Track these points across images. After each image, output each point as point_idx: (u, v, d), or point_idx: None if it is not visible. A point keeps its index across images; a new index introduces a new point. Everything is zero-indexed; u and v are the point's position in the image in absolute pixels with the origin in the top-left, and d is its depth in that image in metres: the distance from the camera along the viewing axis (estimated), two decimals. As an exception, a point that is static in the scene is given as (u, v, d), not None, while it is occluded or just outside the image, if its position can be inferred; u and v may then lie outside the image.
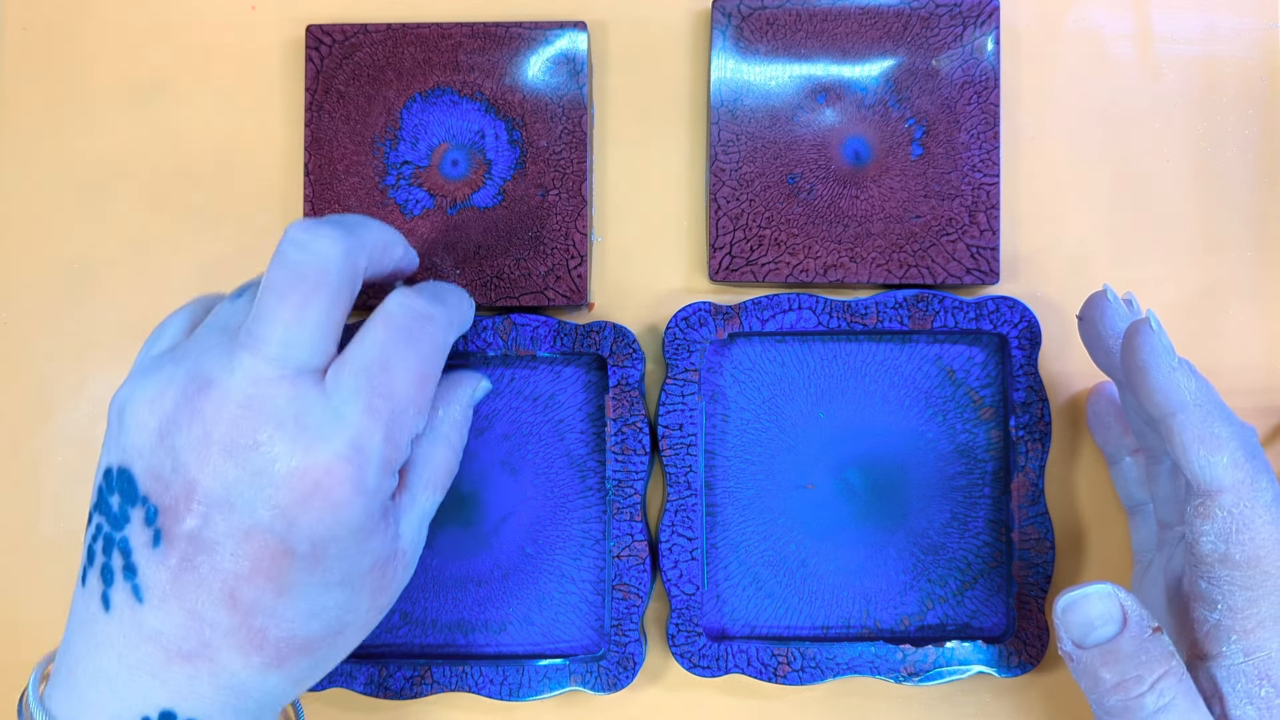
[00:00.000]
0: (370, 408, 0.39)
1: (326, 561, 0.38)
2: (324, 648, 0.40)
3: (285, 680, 0.40)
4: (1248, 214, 0.51)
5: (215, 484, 0.37)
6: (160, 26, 0.52)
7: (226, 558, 0.37)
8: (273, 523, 0.37)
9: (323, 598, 0.39)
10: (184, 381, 0.38)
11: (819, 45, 0.49)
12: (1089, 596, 0.41)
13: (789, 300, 0.48)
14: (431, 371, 0.41)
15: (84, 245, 0.52)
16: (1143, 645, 0.40)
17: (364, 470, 0.38)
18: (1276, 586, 0.39)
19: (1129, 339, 0.41)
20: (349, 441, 0.38)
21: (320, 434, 0.37)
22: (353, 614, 0.40)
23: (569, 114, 0.49)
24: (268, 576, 0.38)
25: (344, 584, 0.39)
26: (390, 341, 0.40)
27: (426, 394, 0.41)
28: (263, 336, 0.38)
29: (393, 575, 0.42)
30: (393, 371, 0.39)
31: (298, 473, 0.37)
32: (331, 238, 0.39)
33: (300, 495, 0.37)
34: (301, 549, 0.38)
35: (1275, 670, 0.40)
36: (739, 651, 0.48)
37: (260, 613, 0.38)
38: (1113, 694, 0.40)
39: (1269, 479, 0.40)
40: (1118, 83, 0.51)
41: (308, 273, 0.38)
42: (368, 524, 0.39)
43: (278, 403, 0.37)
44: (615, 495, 0.48)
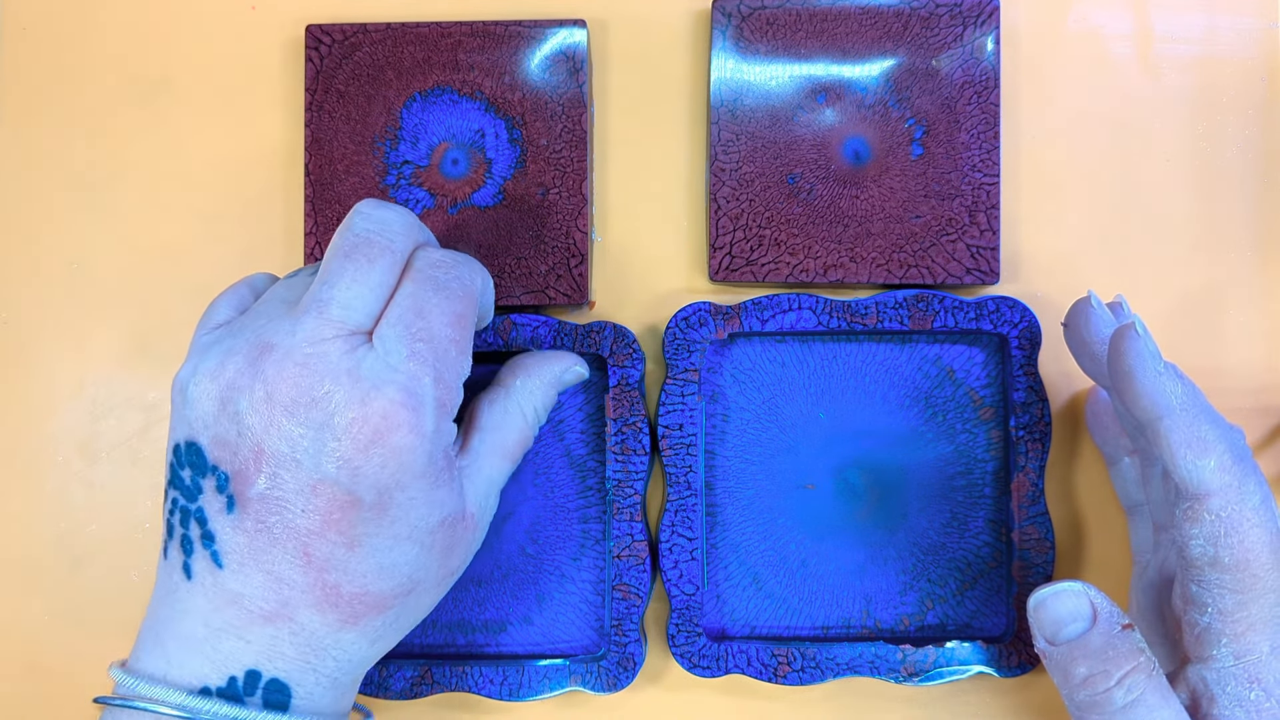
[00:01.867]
0: (414, 353, 0.40)
1: (394, 511, 0.39)
2: (396, 606, 0.41)
3: (360, 639, 0.41)
4: (1247, 214, 0.51)
5: (280, 443, 0.38)
6: (160, 26, 0.52)
7: (298, 514, 0.38)
8: (338, 474, 0.38)
9: (392, 552, 0.40)
10: (245, 350, 0.39)
11: (819, 45, 0.49)
12: (1059, 594, 0.42)
13: (789, 300, 0.48)
14: (464, 311, 0.41)
15: (84, 245, 0.52)
16: (1111, 641, 0.41)
17: (419, 413, 0.39)
18: (1266, 589, 0.39)
19: (1115, 344, 0.41)
20: (401, 387, 0.39)
21: (374, 384, 0.39)
22: (423, 572, 0.41)
23: (569, 112, 0.49)
24: (338, 529, 0.39)
25: (412, 539, 0.40)
26: (419, 291, 0.41)
27: (464, 332, 0.41)
28: (326, 298, 0.39)
29: (462, 536, 0.42)
30: (428, 316, 0.40)
31: (357, 422, 0.38)
32: (397, 210, 0.42)
33: (362, 443, 0.38)
34: (369, 498, 0.39)
35: (1265, 673, 0.40)
36: (739, 651, 0.48)
37: (333, 568, 0.39)
38: (1081, 689, 0.41)
39: (1257, 482, 0.40)
40: (1118, 83, 0.51)
41: (375, 239, 0.41)
42: (431, 470, 0.40)
43: (333, 359, 0.39)
44: (615, 495, 0.48)
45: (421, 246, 0.43)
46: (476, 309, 0.43)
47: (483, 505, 0.43)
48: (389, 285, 0.41)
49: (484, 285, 0.44)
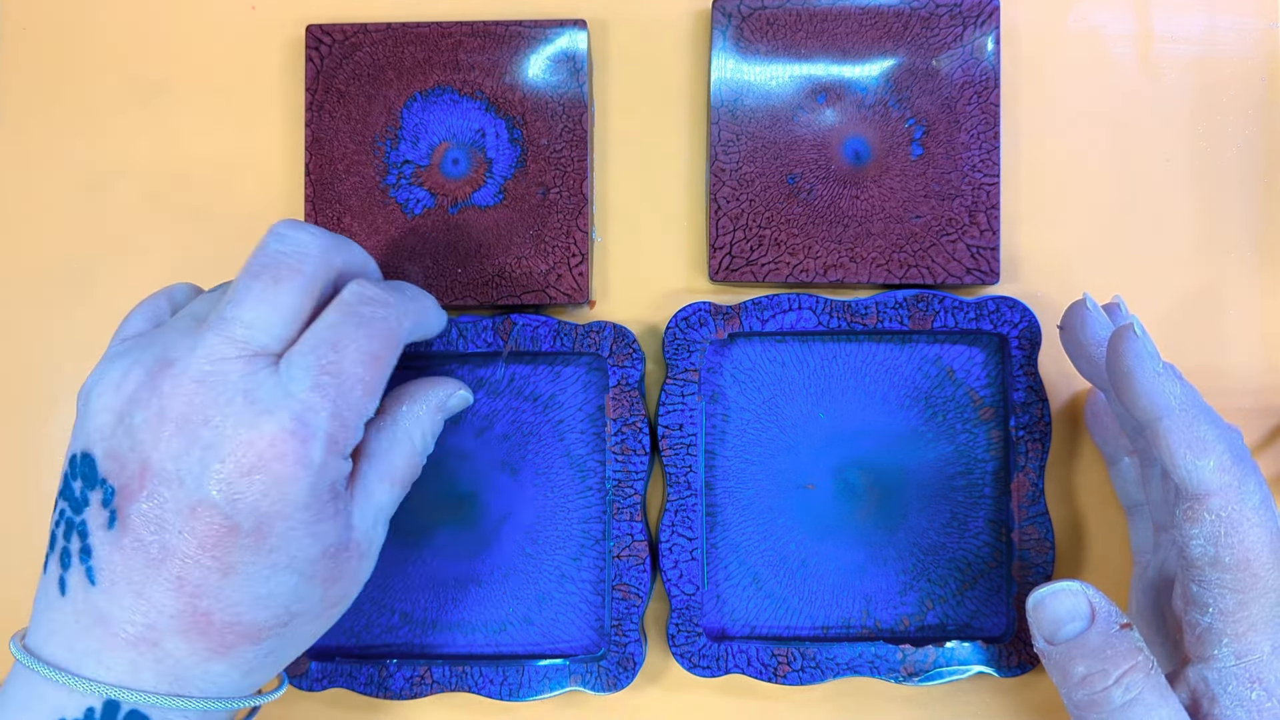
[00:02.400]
0: (317, 384, 0.39)
1: (272, 540, 0.38)
2: (272, 637, 0.40)
3: (231, 670, 0.40)
4: (1247, 214, 0.51)
5: (167, 460, 0.38)
6: (160, 26, 0.52)
7: (175, 535, 0.38)
8: (218, 498, 0.37)
9: (269, 582, 0.39)
10: (149, 363, 0.39)
11: (819, 45, 0.49)
12: (1057, 593, 0.42)
13: (789, 300, 0.48)
14: (380, 353, 0.41)
15: (84, 245, 0.52)
16: (1109, 640, 0.41)
17: (308, 444, 0.38)
18: (1267, 589, 0.39)
19: (1113, 345, 0.41)
20: (294, 415, 0.38)
21: (267, 408, 0.38)
22: (302, 604, 0.40)
23: (569, 112, 0.49)
24: (213, 555, 0.38)
25: (292, 569, 0.39)
26: (340, 323, 0.40)
27: (377, 375, 0.41)
28: (230, 316, 0.39)
29: (346, 566, 0.41)
30: (342, 351, 0.40)
31: (242, 445, 0.38)
32: (312, 232, 0.41)
33: (244, 468, 0.38)
34: (246, 525, 0.38)
35: (1267, 673, 0.40)
36: (739, 651, 0.48)
37: (206, 594, 0.38)
38: (1080, 688, 0.41)
39: (1256, 482, 0.40)
40: (1118, 83, 0.51)
41: (284, 260, 0.40)
42: (314, 503, 0.39)
43: (231, 379, 0.38)
44: (615, 495, 0.48)
45: (356, 279, 0.42)
46: (396, 351, 0.42)
47: (370, 534, 0.42)
48: (299, 309, 0.40)
49: (419, 313, 0.44)
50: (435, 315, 0.45)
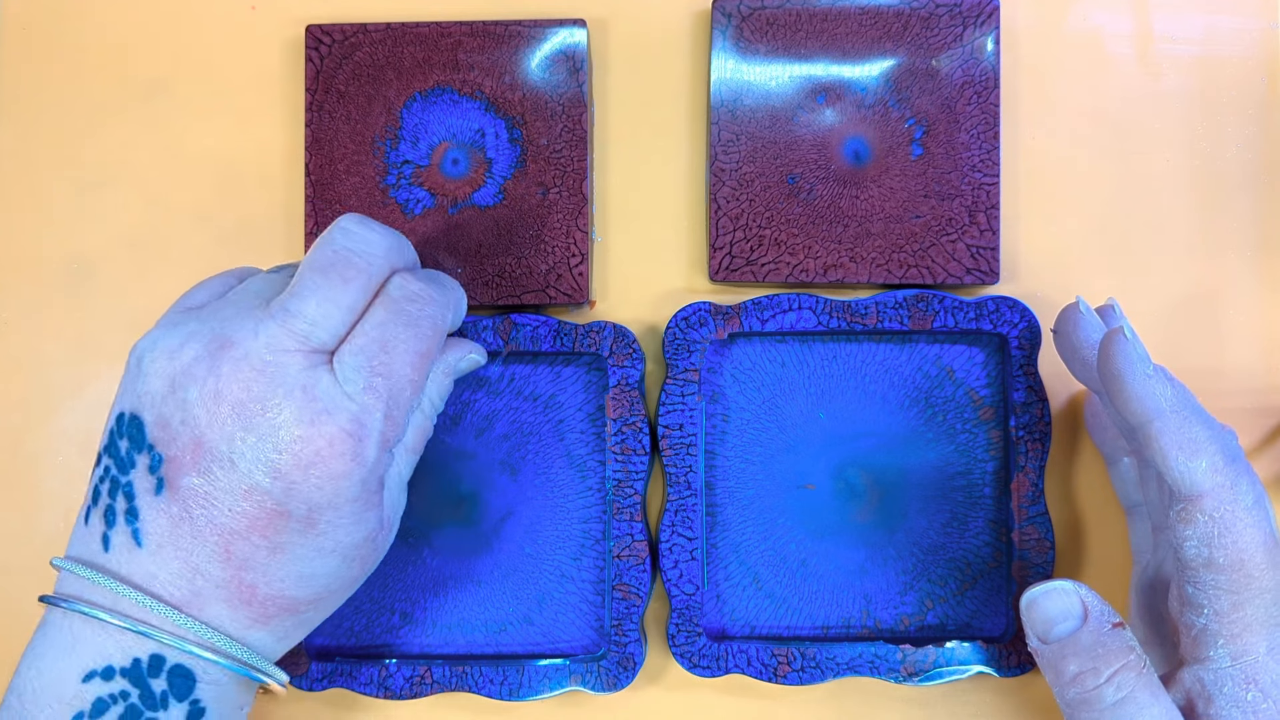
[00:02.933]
0: (370, 386, 0.40)
1: (320, 527, 0.39)
2: (309, 610, 0.41)
3: (269, 636, 0.41)
4: (1247, 214, 0.51)
5: (221, 441, 0.38)
6: (160, 26, 0.52)
7: (224, 513, 0.38)
8: (272, 485, 0.38)
9: (314, 563, 0.40)
10: (207, 338, 0.39)
11: (819, 45, 0.49)
12: (1050, 593, 0.42)
13: (789, 300, 0.48)
14: (427, 351, 0.42)
15: (84, 245, 0.52)
16: (1101, 639, 0.41)
17: (364, 445, 0.39)
18: (1261, 590, 0.40)
19: (1104, 349, 0.41)
20: (352, 417, 0.39)
21: (326, 407, 0.39)
22: (339, 581, 0.42)
23: (569, 112, 0.49)
24: (263, 534, 0.39)
25: (336, 553, 0.40)
26: (389, 323, 0.41)
27: (423, 373, 0.42)
28: (295, 310, 0.39)
29: (380, 545, 0.43)
30: (392, 351, 0.40)
31: (301, 440, 0.38)
32: (380, 231, 0.42)
33: (302, 462, 0.38)
34: (298, 512, 0.39)
35: (1262, 674, 0.40)
36: (739, 651, 0.48)
37: (252, 568, 0.39)
38: (1071, 686, 0.41)
39: (1249, 482, 0.40)
40: (1118, 83, 0.51)
41: (353, 259, 0.40)
42: (363, 497, 0.40)
43: (291, 372, 0.39)
44: (615, 495, 0.48)
45: (399, 272, 0.42)
46: (441, 347, 0.43)
47: (396, 503, 0.43)
48: (360, 308, 0.41)
49: (456, 305, 0.44)
50: (464, 306, 0.46)
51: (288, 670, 0.49)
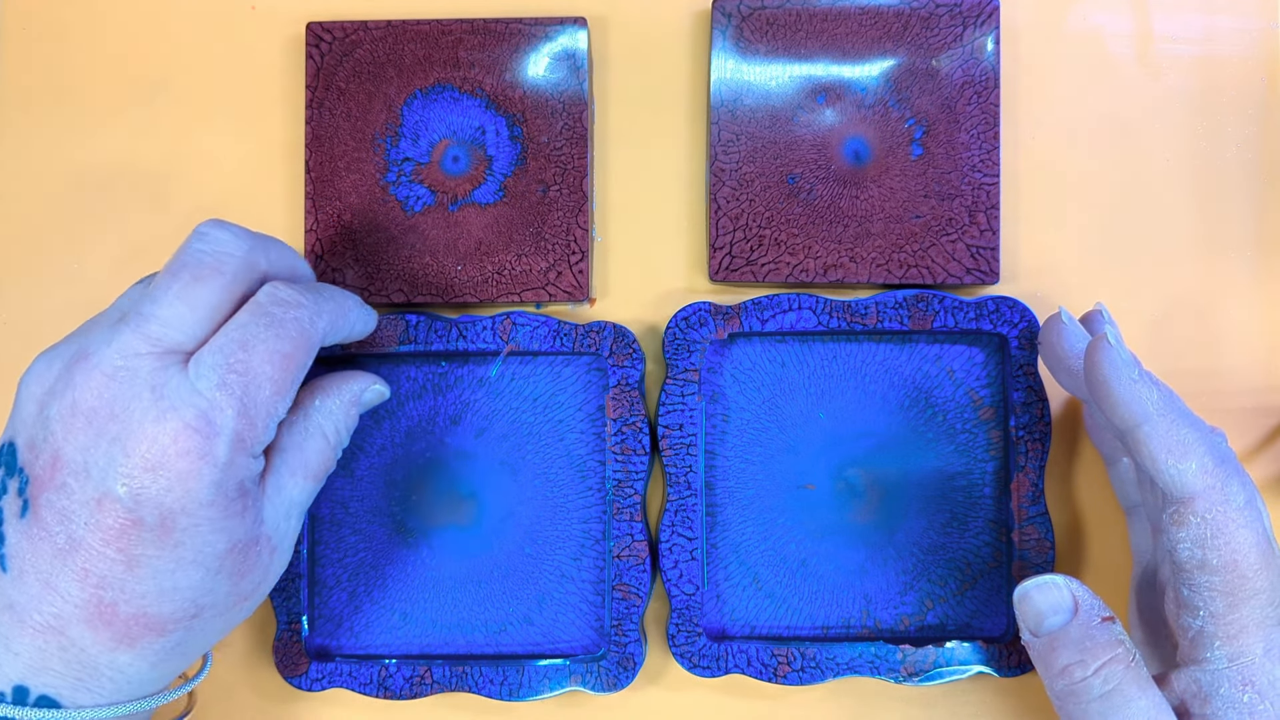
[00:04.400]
0: (224, 383, 0.39)
1: (176, 535, 0.38)
2: (178, 630, 0.40)
3: (139, 660, 0.40)
4: (1247, 214, 0.51)
5: (76, 452, 0.38)
6: (160, 25, 0.52)
7: (81, 527, 0.38)
8: (122, 492, 0.38)
9: (175, 576, 0.39)
10: (67, 356, 0.39)
11: (819, 45, 0.49)
12: (1041, 586, 0.43)
13: (789, 300, 0.48)
14: (292, 352, 0.40)
15: (84, 245, 0.52)
16: (1089, 632, 0.41)
17: (212, 442, 0.38)
18: (1256, 590, 0.40)
19: (1089, 356, 0.41)
20: (198, 413, 0.38)
21: (173, 405, 0.38)
22: (210, 597, 0.40)
23: (569, 110, 0.49)
24: (118, 547, 0.38)
25: (197, 563, 0.39)
26: (250, 323, 0.40)
27: (288, 374, 0.40)
28: (147, 313, 0.39)
29: (256, 561, 0.41)
30: (251, 349, 0.39)
31: (146, 440, 0.38)
32: (235, 232, 0.41)
33: (148, 464, 0.38)
34: (150, 520, 0.38)
35: (1259, 675, 0.40)
36: (739, 651, 0.48)
37: (111, 586, 0.38)
38: (1060, 678, 0.41)
39: (1240, 483, 0.40)
40: (1118, 82, 0.51)
41: (204, 259, 0.40)
42: (220, 500, 0.39)
43: (140, 375, 0.38)
44: (615, 495, 0.48)
45: (272, 280, 0.42)
46: (310, 351, 0.41)
47: (283, 527, 0.42)
48: (218, 307, 0.40)
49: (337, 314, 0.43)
50: (359, 314, 0.45)
51: (288, 670, 0.49)
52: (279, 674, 0.49)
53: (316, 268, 0.49)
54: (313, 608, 0.50)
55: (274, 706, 0.51)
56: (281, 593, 0.49)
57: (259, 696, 0.51)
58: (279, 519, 0.42)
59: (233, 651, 0.51)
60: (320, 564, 0.50)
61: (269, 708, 0.51)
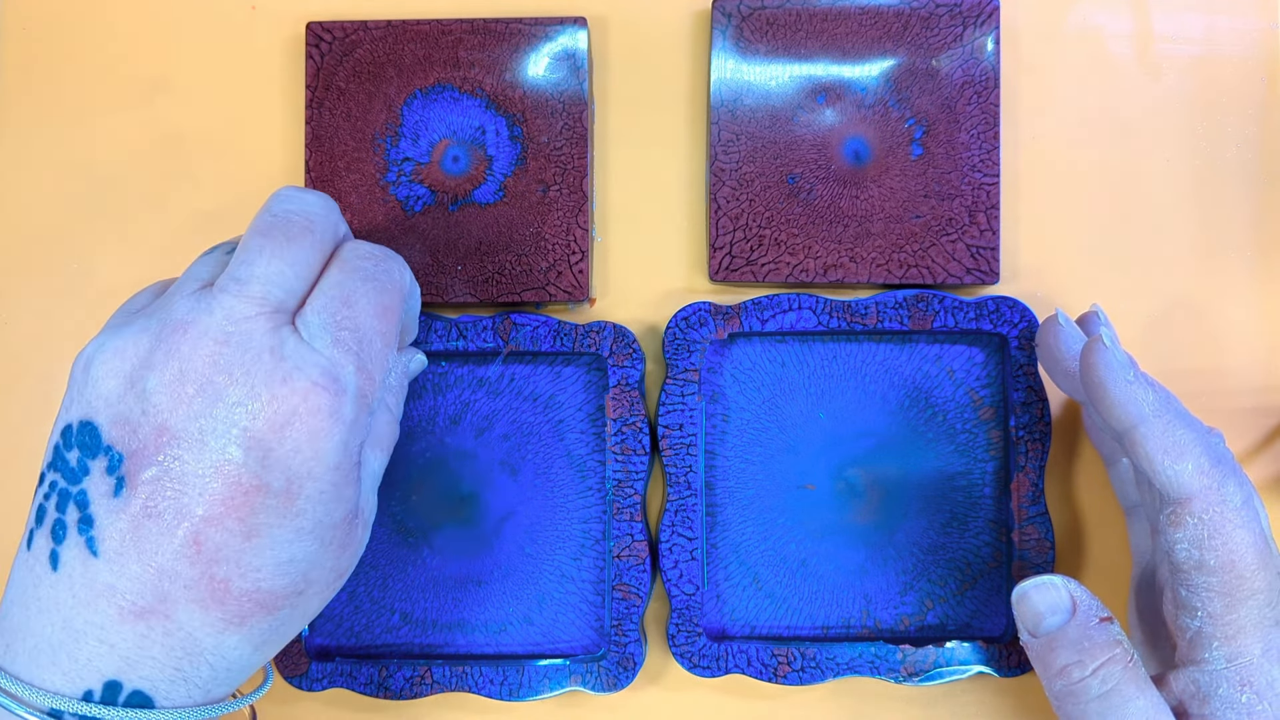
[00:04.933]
0: (338, 340, 0.38)
1: (300, 503, 0.37)
2: (286, 607, 0.39)
3: (245, 643, 0.38)
4: (1247, 215, 0.51)
5: (187, 421, 0.36)
6: (160, 25, 0.52)
7: (194, 498, 0.36)
8: (246, 457, 0.36)
9: (292, 547, 0.38)
10: (157, 329, 0.38)
11: (819, 45, 0.49)
12: (1039, 587, 0.43)
13: (789, 300, 0.48)
14: (391, 304, 0.40)
15: (84, 245, 0.52)
16: (1087, 633, 0.41)
17: (340, 399, 0.38)
18: (1254, 591, 0.40)
19: (1085, 358, 0.41)
20: (324, 370, 0.37)
21: (297, 364, 0.37)
22: (318, 571, 0.39)
23: (569, 110, 0.49)
24: (238, 516, 0.36)
25: (315, 535, 0.38)
26: (346, 280, 0.40)
27: (391, 325, 0.40)
28: (245, 276, 0.38)
29: (355, 535, 0.41)
30: (355, 305, 0.39)
31: (275, 400, 0.37)
32: (317, 194, 0.41)
33: (277, 423, 0.37)
34: (276, 484, 0.37)
35: (1257, 676, 0.40)
36: (739, 651, 0.48)
37: (225, 560, 0.37)
38: (1058, 679, 0.41)
39: (1237, 483, 0.40)
40: (1118, 83, 0.51)
41: (295, 219, 0.39)
42: (344, 463, 0.38)
43: (255, 336, 0.37)
44: (615, 495, 0.48)
45: (348, 239, 0.42)
46: (404, 304, 0.41)
47: (370, 501, 0.41)
48: (311, 265, 0.39)
49: (411, 287, 0.43)
50: (417, 290, 0.44)
51: (288, 670, 0.49)
52: (279, 674, 0.49)
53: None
54: (313, 608, 0.50)
55: (274, 706, 0.51)
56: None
57: (259, 696, 0.51)
58: (369, 493, 0.41)
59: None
60: (320, 564, 0.50)
61: (269, 708, 0.51)
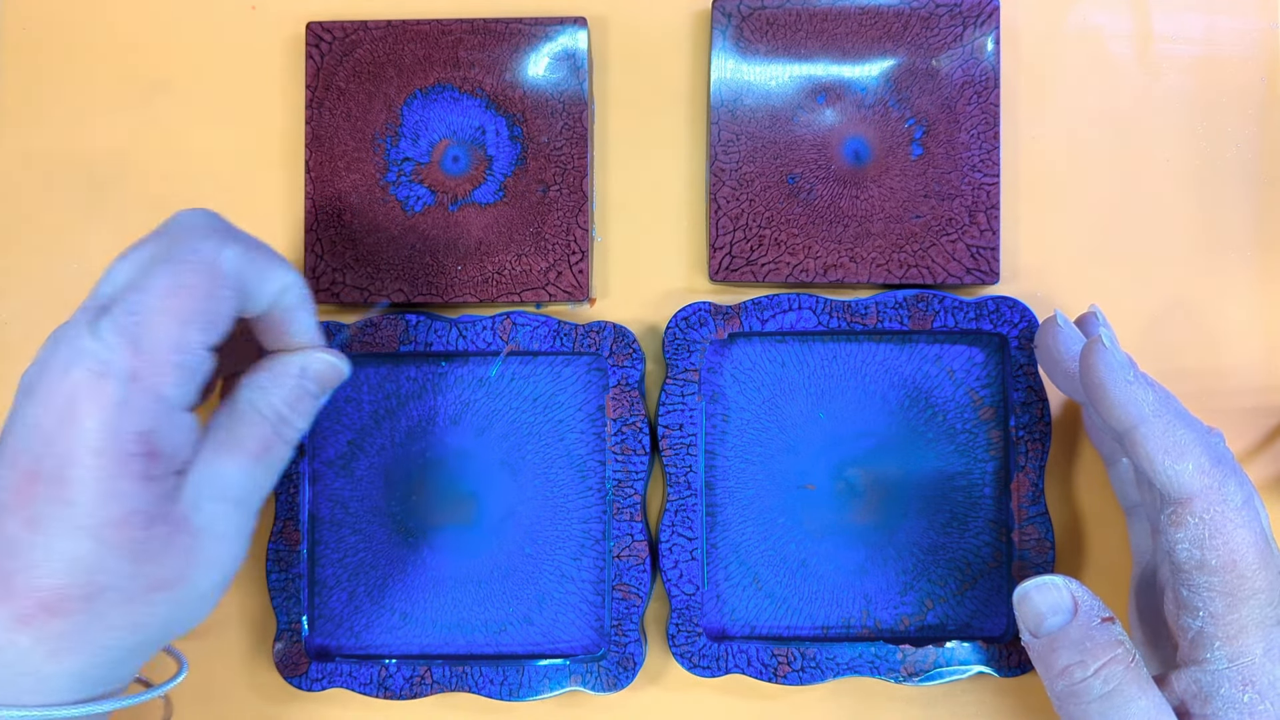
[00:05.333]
0: (116, 325, 0.38)
1: (72, 490, 0.37)
2: (75, 611, 0.37)
3: (36, 644, 0.37)
4: (1248, 214, 0.51)
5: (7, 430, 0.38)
6: (161, 25, 0.52)
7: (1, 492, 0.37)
8: (29, 442, 0.37)
9: (69, 541, 0.37)
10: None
11: (819, 45, 0.49)
12: (1041, 587, 0.42)
13: (789, 300, 0.48)
14: (193, 283, 0.39)
15: (84, 245, 0.52)
16: (1089, 633, 0.41)
17: (104, 380, 0.37)
18: (1255, 590, 0.40)
19: (1084, 359, 0.41)
20: (94, 356, 0.37)
21: (76, 353, 0.37)
22: (107, 576, 0.37)
23: (569, 110, 0.49)
24: (21, 503, 0.37)
25: (88, 530, 0.37)
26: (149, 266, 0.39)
27: (190, 304, 0.38)
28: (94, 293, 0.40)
29: (171, 544, 0.39)
30: (146, 289, 0.38)
31: (51, 388, 0.37)
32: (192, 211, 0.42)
33: (52, 409, 0.37)
34: (49, 470, 0.37)
35: (1259, 675, 0.40)
36: (739, 651, 0.48)
37: (12, 553, 0.37)
38: (1060, 679, 0.41)
39: (1237, 483, 0.40)
40: (1118, 83, 0.51)
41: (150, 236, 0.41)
42: (112, 447, 0.37)
43: (60, 341, 0.38)
44: (615, 495, 0.48)
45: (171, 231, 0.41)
46: (217, 280, 0.39)
47: (213, 510, 0.40)
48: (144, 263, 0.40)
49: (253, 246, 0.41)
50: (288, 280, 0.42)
51: (288, 670, 0.49)
52: (279, 674, 0.49)
53: (317, 268, 0.49)
54: (313, 608, 0.50)
55: (274, 706, 0.51)
56: (282, 593, 0.49)
57: (259, 696, 0.51)
58: (204, 499, 0.39)
59: (233, 651, 0.51)
60: (320, 564, 0.50)
61: (269, 708, 0.51)
